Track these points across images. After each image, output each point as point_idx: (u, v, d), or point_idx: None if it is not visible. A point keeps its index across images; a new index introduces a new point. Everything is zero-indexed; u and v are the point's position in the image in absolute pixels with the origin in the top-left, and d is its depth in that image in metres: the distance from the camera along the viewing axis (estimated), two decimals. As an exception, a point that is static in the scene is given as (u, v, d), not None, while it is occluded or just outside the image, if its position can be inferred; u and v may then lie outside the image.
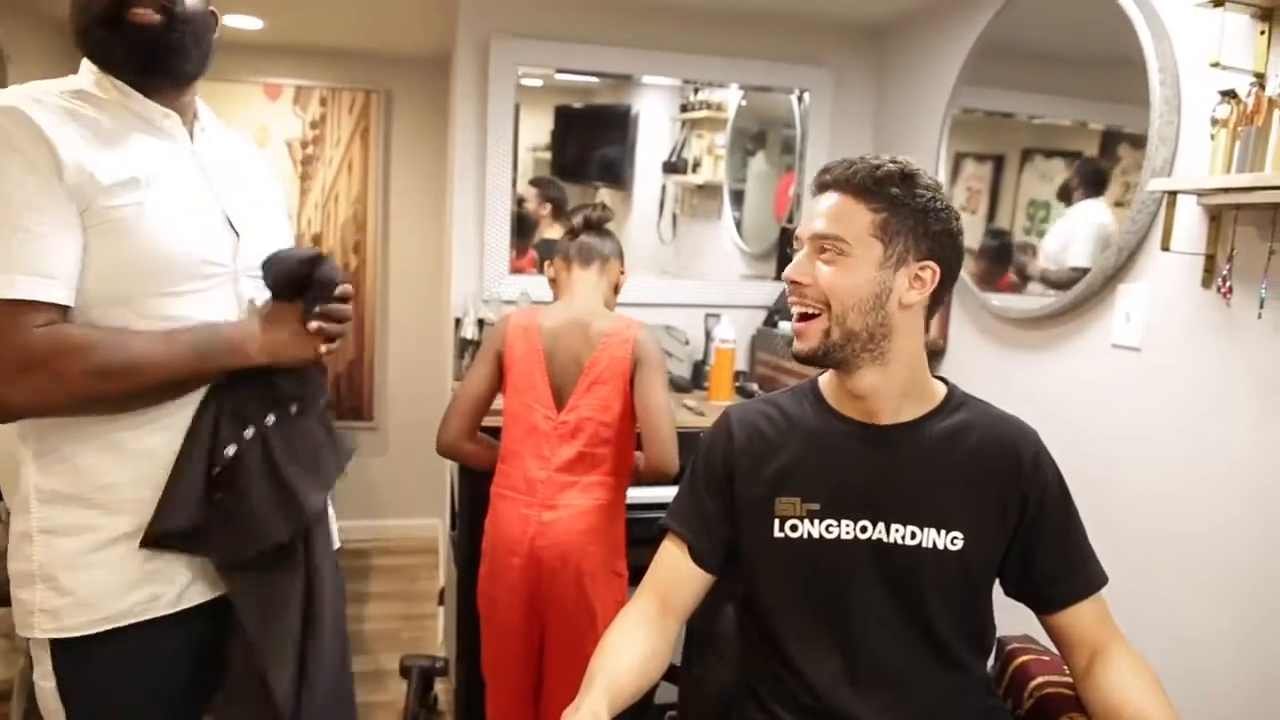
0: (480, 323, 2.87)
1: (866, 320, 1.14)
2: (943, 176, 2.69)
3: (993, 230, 2.52)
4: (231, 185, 1.28)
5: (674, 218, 3.36)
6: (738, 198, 3.33)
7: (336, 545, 1.41)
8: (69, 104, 1.14)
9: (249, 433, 1.21)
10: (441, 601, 3.08)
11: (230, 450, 1.19)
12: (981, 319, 2.60)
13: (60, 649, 1.17)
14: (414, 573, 3.88)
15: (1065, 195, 2.23)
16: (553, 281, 2.14)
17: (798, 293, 1.18)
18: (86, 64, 1.20)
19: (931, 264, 1.16)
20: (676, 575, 1.28)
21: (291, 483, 1.22)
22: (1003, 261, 2.47)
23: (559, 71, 3.09)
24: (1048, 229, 2.29)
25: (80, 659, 1.18)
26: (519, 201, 3.06)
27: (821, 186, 1.20)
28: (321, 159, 4.05)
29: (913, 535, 1.18)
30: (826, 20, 3.11)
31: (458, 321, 2.90)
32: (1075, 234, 2.19)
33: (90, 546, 1.16)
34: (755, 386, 2.89)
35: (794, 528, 1.22)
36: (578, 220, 2.11)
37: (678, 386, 2.95)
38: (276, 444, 1.22)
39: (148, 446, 1.18)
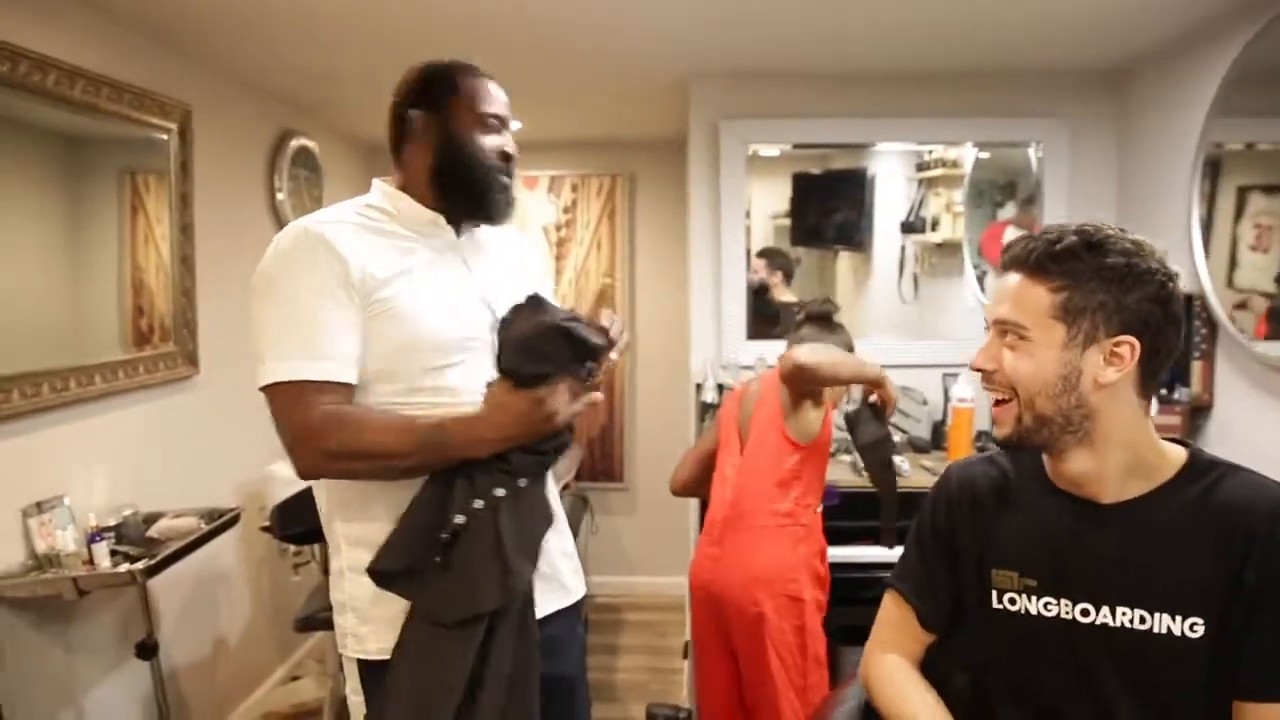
0: (720, 387, 2.98)
1: (1058, 404, 1.08)
2: (1195, 217, 2.51)
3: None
4: (486, 268, 1.46)
5: (915, 278, 3.32)
6: (983, 252, 3.24)
7: (579, 595, 1.53)
8: (360, 217, 1.37)
9: (478, 504, 1.29)
10: (686, 655, 3.17)
11: (459, 519, 1.28)
12: (1253, 371, 2.36)
13: (366, 669, 1.36)
14: (663, 628, 4.00)
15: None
16: None
17: (986, 379, 1.14)
18: (377, 183, 1.44)
19: (1129, 339, 1.06)
20: (905, 638, 1.28)
21: (511, 562, 1.29)
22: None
23: (794, 146, 3.20)
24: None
25: (381, 679, 1.33)
26: (753, 272, 3.17)
27: (1004, 266, 1.14)
28: (574, 239, 4.41)
29: (1142, 620, 1.07)
30: (1060, 70, 3.03)
31: (698, 387, 3.03)
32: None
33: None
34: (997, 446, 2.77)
35: (1012, 601, 1.16)
36: (800, 315, 2.25)
37: (916, 447, 2.89)
38: (504, 519, 1.30)
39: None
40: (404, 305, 1.32)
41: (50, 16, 2.14)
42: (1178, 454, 1.13)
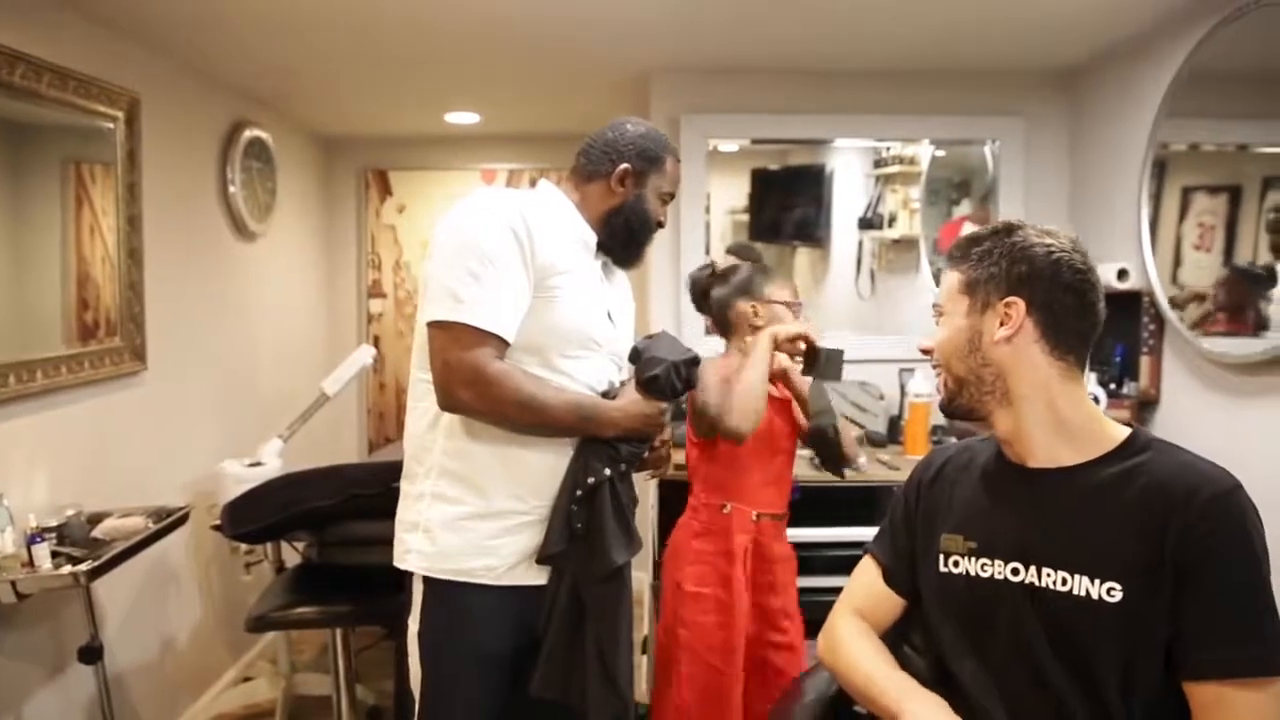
0: (678, 383, 2.98)
1: (967, 364, 1.23)
2: (1144, 216, 2.56)
3: (1234, 268, 2.35)
4: (614, 290, 1.74)
5: (872, 274, 3.34)
6: (939, 248, 3.28)
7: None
8: (555, 211, 1.62)
9: (591, 480, 1.57)
10: (645, 650, 3.16)
11: (580, 492, 1.57)
12: (1199, 366, 2.42)
13: (428, 590, 1.57)
14: (621, 627, 3.98)
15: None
16: None
17: (930, 356, 1.30)
18: (557, 190, 1.68)
19: (1015, 299, 1.19)
20: (871, 594, 1.40)
21: (629, 519, 1.61)
22: (1240, 300, 2.32)
23: (752, 141, 3.20)
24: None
25: (440, 601, 1.57)
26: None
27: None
28: (533, 235, 4.37)
29: (1064, 581, 1.14)
30: (1017, 70, 3.07)
31: (656, 382, 3.02)
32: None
33: (459, 516, 1.56)
34: (953, 440, 2.81)
35: (955, 564, 1.26)
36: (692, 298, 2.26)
37: (873, 441, 2.91)
38: (620, 490, 1.60)
39: (521, 459, 1.57)
40: (567, 296, 1.56)
41: (-12, -1, 2.07)
42: (1119, 432, 1.20)
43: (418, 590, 1.59)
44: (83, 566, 1.97)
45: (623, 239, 1.68)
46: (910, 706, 1.18)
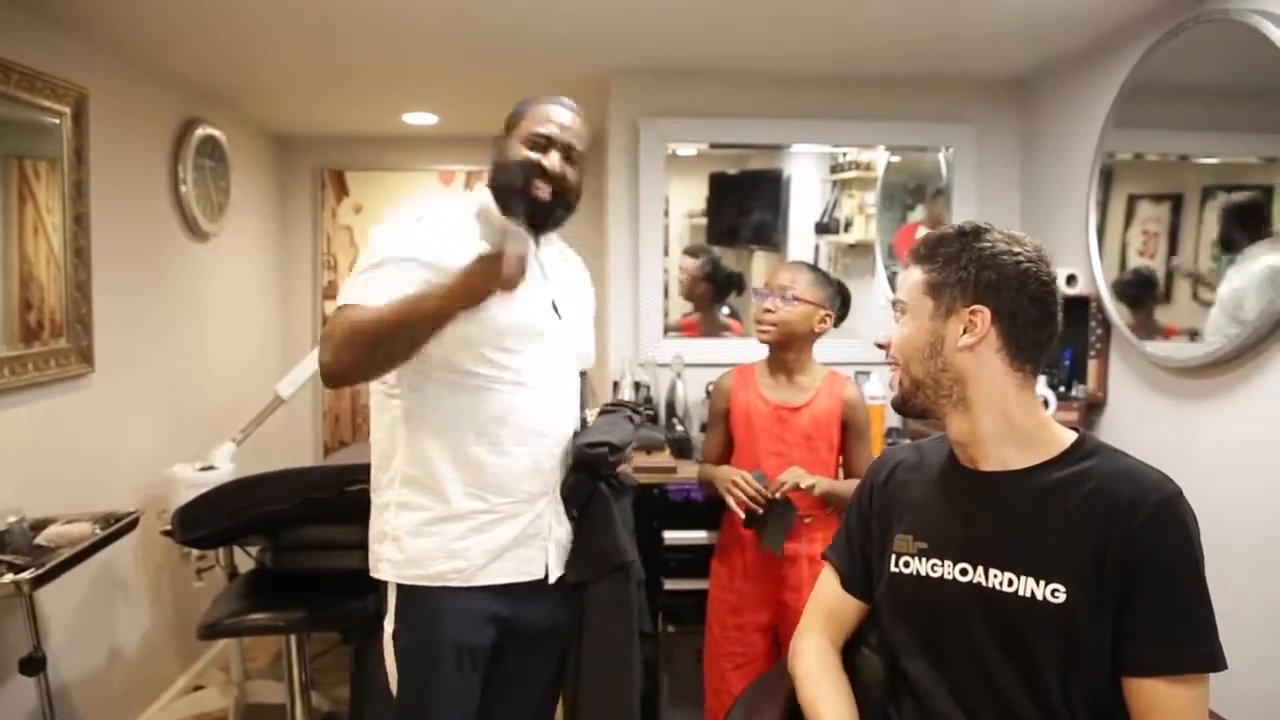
0: (637, 385, 2.98)
1: (927, 367, 1.23)
2: (1091, 223, 2.62)
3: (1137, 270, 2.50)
4: (560, 283, 1.74)
5: (827, 277, 3.36)
6: (895, 253, 3.32)
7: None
8: (460, 217, 1.63)
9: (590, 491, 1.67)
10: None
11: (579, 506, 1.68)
12: (1143, 369, 2.48)
13: (401, 595, 1.60)
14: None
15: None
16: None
17: (887, 352, 1.31)
18: (480, 188, 1.71)
19: (981, 308, 1.19)
20: (831, 601, 1.42)
21: (620, 526, 1.69)
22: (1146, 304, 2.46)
23: (711, 146, 3.22)
24: (1225, 270, 2.19)
25: (413, 604, 1.59)
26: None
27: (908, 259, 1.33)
28: (492, 237, 4.36)
29: (1010, 582, 1.17)
30: (969, 78, 3.13)
31: (615, 385, 3.03)
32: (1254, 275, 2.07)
33: (423, 521, 1.58)
34: (907, 442, 2.85)
35: (906, 564, 1.28)
36: None
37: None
38: (615, 509, 1.69)
39: (475, 458, 1.59)
40: None
41: (-72, -9, 2.02)
42: (1067, 436, 1.23)
43: (391, 593, 1.61)
44: (25, 575, 1.91)
45: (506, 199, 1.64)
46: None
